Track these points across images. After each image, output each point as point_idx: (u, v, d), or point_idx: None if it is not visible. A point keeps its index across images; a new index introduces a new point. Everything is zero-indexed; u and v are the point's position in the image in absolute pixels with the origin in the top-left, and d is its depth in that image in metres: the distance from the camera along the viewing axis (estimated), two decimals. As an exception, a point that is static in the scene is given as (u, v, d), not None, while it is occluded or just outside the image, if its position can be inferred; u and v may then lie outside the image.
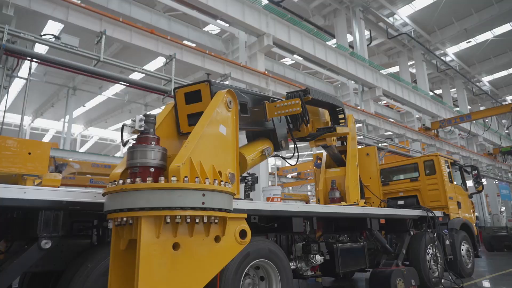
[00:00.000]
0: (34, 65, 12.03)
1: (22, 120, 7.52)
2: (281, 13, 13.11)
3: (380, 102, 23.02)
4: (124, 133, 2.50)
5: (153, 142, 2.29)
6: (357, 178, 6.88)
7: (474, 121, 22.27)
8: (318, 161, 7.63)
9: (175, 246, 2.15)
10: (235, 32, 13.64)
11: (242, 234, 2.58)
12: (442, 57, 25.38)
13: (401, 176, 9.19)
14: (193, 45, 12.73)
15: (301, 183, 28.39)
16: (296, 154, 4.03)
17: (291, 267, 4.52)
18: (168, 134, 2.99)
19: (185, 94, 3.01)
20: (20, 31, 7.36)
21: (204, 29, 14.13)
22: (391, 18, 21.28)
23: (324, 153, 7.35)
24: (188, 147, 2.29)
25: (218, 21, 12.79)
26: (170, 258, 2.12)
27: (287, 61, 19.64)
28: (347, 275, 7.82)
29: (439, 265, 6.62)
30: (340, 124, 5.80)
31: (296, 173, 27.54)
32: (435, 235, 6.73)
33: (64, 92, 19.82)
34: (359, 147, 13.18)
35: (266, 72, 11.76)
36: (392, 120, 22.42)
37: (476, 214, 15.88)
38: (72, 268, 2.70)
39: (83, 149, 32.05)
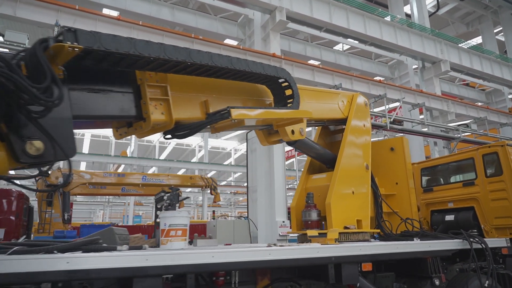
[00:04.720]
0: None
1: None
2: (299, -19, 10.79)
3: (456, 82, 18.73)
4: None
5: None
6: (366, 187, 4.57)
7: None
8: None
9: None
10: (249, 14, 11.71)
11: None
12: (543, 17, 19.80)
13: (451, 179, 6.33)
14: (207, 35, 11.19)
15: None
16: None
17: None
18: None
19: None
20: (-44, 32, 6.58)
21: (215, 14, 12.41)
22: (463, -26, 17.08)
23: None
24: None
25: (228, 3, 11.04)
26: None
27: (341, 47, 16.73)
28: None
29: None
30: (288, 105, 3.56)
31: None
32: (489, 278, 4.01)
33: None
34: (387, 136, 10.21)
35: (276, 54, 9.60)
36: (480, 103, 18.09)
37: None
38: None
39: (162, 156, 33.11)
